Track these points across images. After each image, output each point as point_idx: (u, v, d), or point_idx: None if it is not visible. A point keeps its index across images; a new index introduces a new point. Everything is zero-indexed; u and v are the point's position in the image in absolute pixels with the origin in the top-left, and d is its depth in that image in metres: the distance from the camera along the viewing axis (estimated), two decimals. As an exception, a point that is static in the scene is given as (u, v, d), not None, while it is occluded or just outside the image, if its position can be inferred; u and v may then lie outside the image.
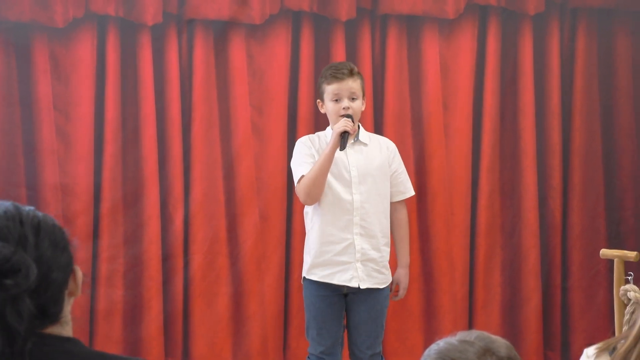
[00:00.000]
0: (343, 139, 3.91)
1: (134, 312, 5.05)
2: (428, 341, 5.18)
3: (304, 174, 3.98)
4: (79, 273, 1.77)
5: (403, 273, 4.17)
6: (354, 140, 4.07)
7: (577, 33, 5.43)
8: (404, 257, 4.18)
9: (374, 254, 4.04)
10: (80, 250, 4.99)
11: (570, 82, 5.44)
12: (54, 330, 1.69)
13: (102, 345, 4.90)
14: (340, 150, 3.92)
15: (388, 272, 4.11)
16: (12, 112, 4.94)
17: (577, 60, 5.43)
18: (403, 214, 4.17)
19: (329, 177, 4.00)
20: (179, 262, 5.08)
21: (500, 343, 1.70)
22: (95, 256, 5.01)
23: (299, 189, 4.01)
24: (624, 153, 5.47)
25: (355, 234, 4.02)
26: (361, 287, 4.02)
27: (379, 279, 4.07)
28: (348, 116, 3.96)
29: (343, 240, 4.02)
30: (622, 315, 2.14)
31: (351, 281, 4.02)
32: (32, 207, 1.72)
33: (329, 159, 3.93)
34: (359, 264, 4.02)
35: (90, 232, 5.00)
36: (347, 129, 3.91)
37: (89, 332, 5.01)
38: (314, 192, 3.98)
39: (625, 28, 5.45)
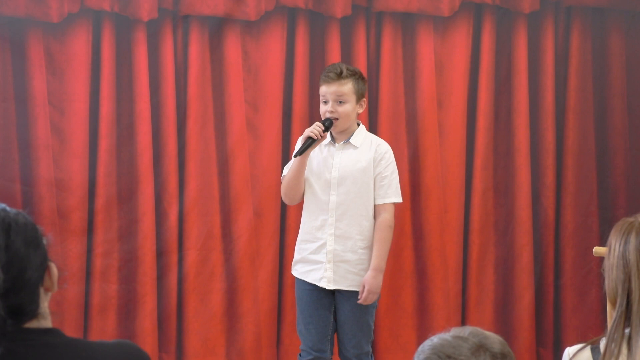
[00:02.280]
0: (304, 144, 3.91)
1: (128, 307, 5.06)
2: (421, 338, 5.19)
3: (285, 174, 4.06)
4: (54, 269, 1.74)
5: (370, 275, 3.99)
6: (344, 141, 4.07)
7: (571, 32, 5.44)
8: (375, 260, 4.02)
9: (349, 256, 4.02)
10: (75, 245, 4.99)
11: (564, 80, 5.45)
12: (33, 324, 1.69)
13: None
14: (294, 156, 3.94)
15: None
16: (6, 107, 4.94)
17: (571, 58, 5.44)
18: (382, 218, 4.04)
19: (310, 177, 4.03)
20: (173, 258, 5.09)
21: (494, 339, 1.71)
22: (89, 251, 5.02)
23: (281, 189, 4.10)
24: (617, 152, 5.49)
25: (329, 235, 4.02)
26: (328, 288, 4.02)
27: (356, 281, 4.03)
28: (328, 120, 3.97)
29: (317, 240, 4.04)
30: (612, 307, 2.14)
31: (320, 281, 4.03)
32: (3, 205, 1.69)
33: (300, 162, 3.95)
34: (329, 265, 4.02)
35: (84, 227, 5.00)
36: (312, 135, 3.90)
37: (83, 326, 5.02)
38: (290, 193, 4.05)
39: (619, 27, 5.46)
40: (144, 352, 1.78)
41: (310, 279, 4.05)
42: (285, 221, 5.18)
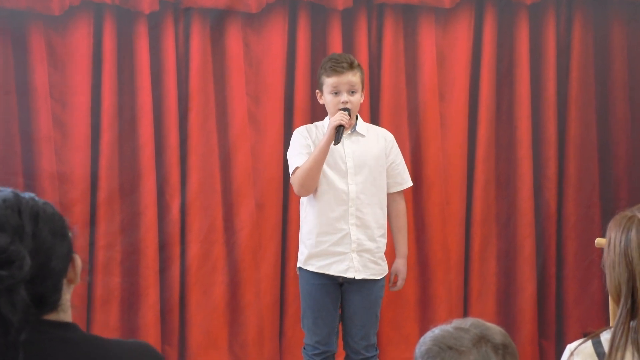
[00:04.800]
0: (338, 132, 3.92)
1: (130, 300, 5.06)
2: (423, 330, 5.18)
3: (299, 165, 3.99)
4: (78, 261, 1.77)
5: (402, 263, 4.20)
6: (351, 131, 4.08)
7: (573, 23, 5.43)
8: (403, 248, 4.22)
9: (370, 244, 4.06)
10: (77, 238, 4.99)
11: (566, 72, 5.45)
12: (53, 316, 1.70)
13: (99, 332, 4.90)
14: (335, 144, 3.94)
15: (384, 264, 4.13)
16: (8, 100, 4.95)
17: (573, 50, 5.43)
18: (401, 205, 4.19)
19: (325, 167, 4.01)
20: (175, 251, 5.09)
21: (495, 330, 1.72)
22: (92, 244, 5.03)
23: (294, 180, 4.03)
24: (619, 143, 5.48)
25: (351, 225, 4.03)
26: (357, 277, 4.03)
27: (375, 270, 4.08)
28: (346, 110, 3.97)
29: (339, 231, 4.03)
30: (616, 304, 2.14)
31: (347, 272, 4.03)
32: (32, 195, 1.72)
33: (324, 151, 3.94)
34: (354, 255, 4.03)
35: (87, 220, 5.01)
36: (343, 122, 3.92)
37: (86, 319, 5.02)
38: (308, 183, 3.99)
39: (620, 18, 5.45)
40: (161, 355, 1.78)
41: (334, 271, 4.04)
42: (287, 214, 5.18)
